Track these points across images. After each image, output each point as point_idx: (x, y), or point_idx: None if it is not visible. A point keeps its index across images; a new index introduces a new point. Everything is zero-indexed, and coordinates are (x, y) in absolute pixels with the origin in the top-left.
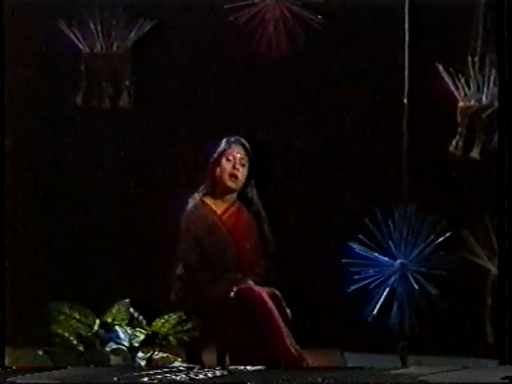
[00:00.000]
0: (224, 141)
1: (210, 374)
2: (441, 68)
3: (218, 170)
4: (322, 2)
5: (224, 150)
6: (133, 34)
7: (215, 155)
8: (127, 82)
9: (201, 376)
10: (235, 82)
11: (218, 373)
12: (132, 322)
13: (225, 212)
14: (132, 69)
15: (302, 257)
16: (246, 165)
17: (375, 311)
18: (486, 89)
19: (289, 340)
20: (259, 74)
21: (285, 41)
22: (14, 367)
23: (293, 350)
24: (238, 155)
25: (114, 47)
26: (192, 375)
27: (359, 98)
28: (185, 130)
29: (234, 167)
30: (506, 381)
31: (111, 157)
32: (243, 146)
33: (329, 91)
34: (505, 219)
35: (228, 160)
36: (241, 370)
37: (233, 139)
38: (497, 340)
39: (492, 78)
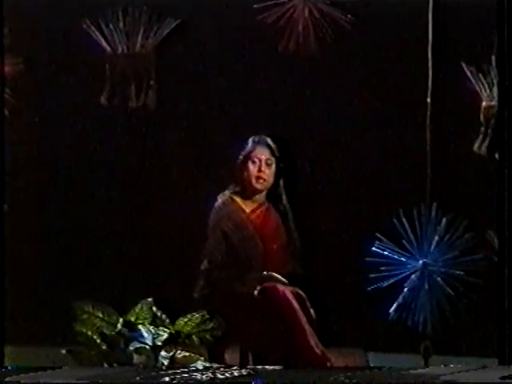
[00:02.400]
0: (249, 142)
1: (236, 373)
2: (465, 67)
3: (245, 172)
4: (349, 0)
5: (249, 152)
6: (157, 33)
7: (241, 157)
8: (152, 82)
9: (226, 375)
10: (262, 82)
11: (243, 372)
12: (155, 321)
13: (253, 211)
14: (156, 68)
15: (326, 257)
16: (273, 164)
17: (393, 310)
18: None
19: (313, 340)
20: (287, 74)
21: (313, 40)
22: (9, 367)
23: (317, 350)
24: (263, 156)
25: (138, 47)
26: (218, 375)
27: (384, 98)
28: (211, 129)
29: (259, 169)
30: (506, 381)
31: (139, 155)
32: (268, 146)
33: (355, 90)
34: (505, 219)
35: (253, 162)
36: (265, 370)
37: (257, 140)
38: (497, 340)
39: None
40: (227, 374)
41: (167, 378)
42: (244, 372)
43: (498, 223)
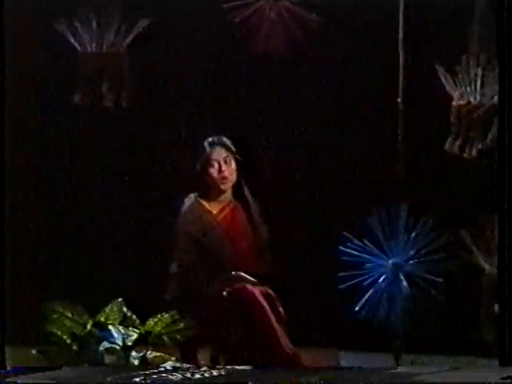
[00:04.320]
0: (205, 145)
1: (206, 374)
2: (436, 67)
3: (207, 176)
4: (319, 1)
5: (207, 156)
6: (129, 32)
7: (201, 161)
8: (124, 82)
9: (197, 376)
10: (233, 82)
11: (214, 372)
12: (125, 322)
13: (220, 212)
14: (129, 68)
15: (295, 256)
16: (232, 161)
17: (363, 309)
18: (480, 87)
19: (283, 339)
20: (257, 74)
21: (282, 40)
22: (8, 367)
23: (287, 349)
24: (220, 156)
25: (110, 46)
26: (188, 375)
27: (355, 98)
28: (182, 130)
29: (219, 170)
30: (507, 381)
31: (107, 156)
32: (223, 144)
33: (325, 91)
34: (505, 219)
35: (212, 165)
36: (237, 370)
37: (211, 141)
38: (497, 340)
39: (486, 77)
40: (198, 375)
41: (138, 379)
42: (215, 373)
43: (499, 224)
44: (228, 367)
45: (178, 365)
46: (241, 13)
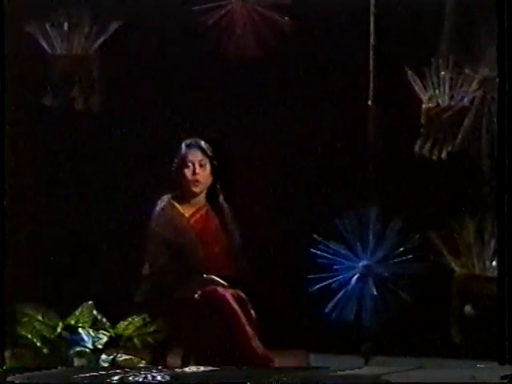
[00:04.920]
0: (182, 146)
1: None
2: (405, 70)
3: (181, 177)
4: (289, 3)
5: (183, 157)
6: (100, 35)
7: (175, 162)
8: (94, 84)
9: (164, 376)
10: (205, 84)
11: (186, 369)
12: (95, 324)
13: (193, 215)
14: (99, 70)
15: (267, 259)
16: (207, 165)
17: (333, 311)
18: (449, 90)
19: (254, 341)
20: (228, 75)
21: (253, 42)
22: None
23: (259, 351)
24: (196, 158)
25: (80, 49)
26: (155, 375)
27: (326, 101)
28: (154, 132)
29: (194, 173)
30: (505, 381)
31: (79, 158)
32: (200, 147)
33: (296, 94)
34: (505, 220)
35: (187, 166)
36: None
37: (189, 143)
38: (497, 340)
39: (455, 80)
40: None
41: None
42: (187, 370)
43: (498, 226)
44: (192, 368)
45: (148, 366)
46: (212, 15)
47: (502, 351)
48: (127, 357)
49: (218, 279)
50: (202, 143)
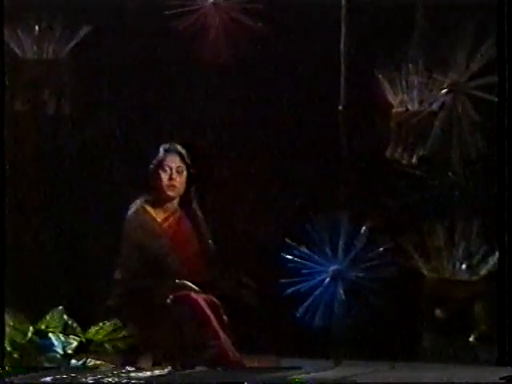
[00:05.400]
0: (160, 150)
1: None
2: (376, 75)
3: (157, 180)
4: (261, 8)
5: (160, 161)
6: (71, 39)
7: (152, 165)
8: (65, 88)
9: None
10: (176, 88)
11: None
12: (66, 329)
13: (166, 220)
14: (70, 74)
15: (240, 263)
16: (184, 172)
17: (305, 315)
18: (418, 95)
19: (226, 345)
20: (201, 80)
21: (225, 46)
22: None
23: (231, 355)
24: (174, 164)
25: (52, 53)
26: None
27: (297, 106)
28: (125, 136)
29: (170, 177)
30: (504, 381)
31: (50, 162)
32: (179, 153)
33: (267, 97)
34: (505, 221)
35: (164, 171)
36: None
37: (168, 147)
38: (497, 340)
39: (424, 84)
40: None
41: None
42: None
43: (498, 229)
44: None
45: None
46: (184, 20)
47: (502, 352)
48: (97, 362)
49: (190, 284)
50: (181, 149)
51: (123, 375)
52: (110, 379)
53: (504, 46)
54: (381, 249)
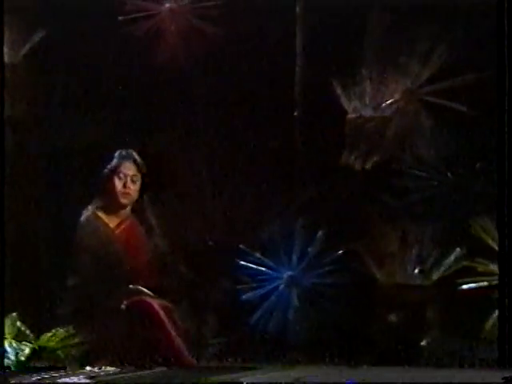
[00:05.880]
0: (116, 155)
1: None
2: (331, 81)
3: (110, 187)
4: (217, 13)
5: (115, 167)
6: (25, 43)
7: (107, 171)
8: (19, 91)
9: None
10: (132, 93)
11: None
12: (19, 336)
13: (118, 226)
14: (25, 79)
15: (195, 269)
16: (138, 181)
17: (260, 321)
18: (371, 101)
19: (182, 350)
20: (158, 86)
21: (182, 52)
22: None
23: (187, 360)
24: (130, 172)
25: (6, 57)
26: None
27: (252, 111)
28: (80, 142)
29: (125, 185)
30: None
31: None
32: (134, 161)
33: (224, 103)
34: (505, 221)
35: (119, 178)
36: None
37: (124, 154)
38: (498, 340)
39: (377, 90)
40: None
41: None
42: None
43: (498, 226)
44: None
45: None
46: (140, 26)
47: (502, 353)
48: None
49: (145, 289)
50: (137, 157)
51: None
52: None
53: (504, 46)
54: (335, 255)
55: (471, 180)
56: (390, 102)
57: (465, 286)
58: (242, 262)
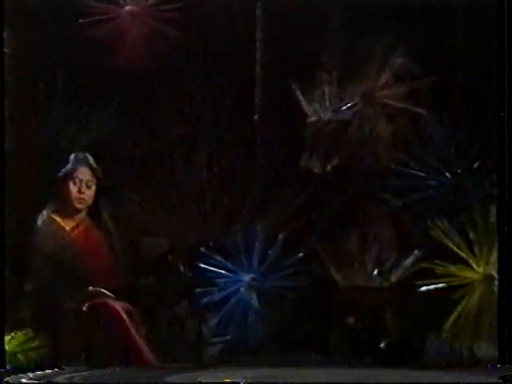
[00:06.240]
0: (71, 159)
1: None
2: (291, 84)
3: (65, 191)
4: (178, 16)
5: (71, 171)
6: None
7: (61, 174)
8: None
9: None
10: (92, 95)
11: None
12: None
13: (74, 229)
14: None
15: (155, 272)
16: (94, 186)
17: (220, 323)
18: (331, 104)
19: (143, 350)
20: (118, 88)
21: (143, 54)
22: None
23: (147, 359)
24: (84, 177)
25: None
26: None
27: (213, 115)
28: (33, 146)
29: (79, 191)
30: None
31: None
32: (89, 166)
33: (184, 106)
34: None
35: (74, 183)
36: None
37: (79, 157)
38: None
39: (337, 94)
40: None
41: None
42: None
43: (498, 228)
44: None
45: None
46: (101, 28)
47: (502, 352)
48: None
49: (105, 291)
50: (92, 162)
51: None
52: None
53: (504, 46)
54: (295, 258)
55: (429, 181)
56: (349, 105)
57: (423, 288)
58: (203, 265)
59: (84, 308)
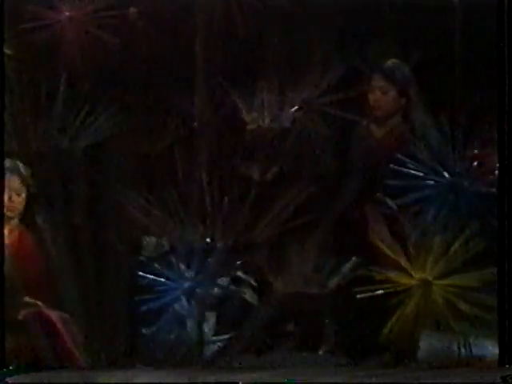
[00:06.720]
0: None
1: None
2: (230, 91)
3: None
4: (118, 23)
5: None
6: None
7: None
8: None
9: None
10: (34, 103)
11: None
12: None
13: (7, 236)
14: None
15: (93, 279)
16: (23, 193)
17: (159, 331)
18: (270, 112)
19: (77, 358)
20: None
21: (80, 61)
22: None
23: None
24: (13, 185)
25: None
26: None
27: (152, 121)
28: None
29: (10, 198)
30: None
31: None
32: (19, 174)
33: (123, 114)
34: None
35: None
36: None
37: (8, 166)
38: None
39: (276, 101)
40: None
41: None
42: None
43: (498, 229)
44: None
45: None
46: (40, 34)
47: (502, 351)
48: None
49: (40, 302)
50: (22, 168)
51: None
52: None
53: (504, 46)
54: (234, 266)
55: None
56: (288, 112)
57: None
58: (141, 273)
59: (20, 317)
